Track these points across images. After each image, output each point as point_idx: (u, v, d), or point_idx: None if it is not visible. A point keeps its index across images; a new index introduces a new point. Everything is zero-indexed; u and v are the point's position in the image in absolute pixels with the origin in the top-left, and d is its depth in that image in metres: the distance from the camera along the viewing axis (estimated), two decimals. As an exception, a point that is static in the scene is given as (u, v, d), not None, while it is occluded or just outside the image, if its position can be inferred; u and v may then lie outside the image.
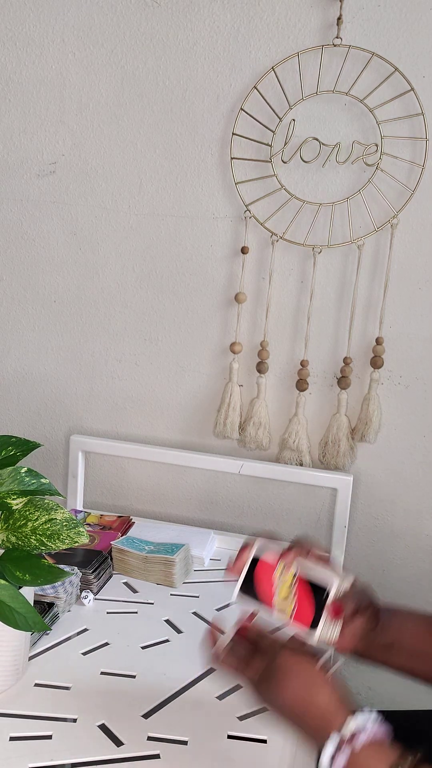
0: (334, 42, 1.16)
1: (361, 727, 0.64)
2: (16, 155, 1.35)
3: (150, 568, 1.18)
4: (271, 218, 1.25)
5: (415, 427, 1.28)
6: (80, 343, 1.41)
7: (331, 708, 0.67)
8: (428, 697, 1.37)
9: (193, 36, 1.23)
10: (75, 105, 1.31)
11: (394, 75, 1.16)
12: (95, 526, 1.32)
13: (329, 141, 1.20)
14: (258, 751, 0.82)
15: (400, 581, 1.34)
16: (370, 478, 1.32)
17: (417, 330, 1.25)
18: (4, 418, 1.49)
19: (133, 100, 1.28)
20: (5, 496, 0.85)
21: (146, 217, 1.32)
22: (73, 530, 0.84)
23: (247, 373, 1.33)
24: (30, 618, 0.80)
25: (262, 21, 1.20)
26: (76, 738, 0.81)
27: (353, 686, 1.41)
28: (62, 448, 1.47)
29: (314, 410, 1.32)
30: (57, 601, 1.03)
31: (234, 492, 1.39)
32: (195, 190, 1.29)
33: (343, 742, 0.64)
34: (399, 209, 1.20)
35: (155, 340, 1.37)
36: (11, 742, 0.80)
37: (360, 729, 0.64)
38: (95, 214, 1.35)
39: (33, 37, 1.29)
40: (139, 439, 1.42)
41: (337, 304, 1.27)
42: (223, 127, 1.25)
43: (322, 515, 1.36)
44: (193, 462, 1.34)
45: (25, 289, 1.41)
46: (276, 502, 1.37)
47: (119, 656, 0.98)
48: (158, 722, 0.85)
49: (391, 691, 1.39)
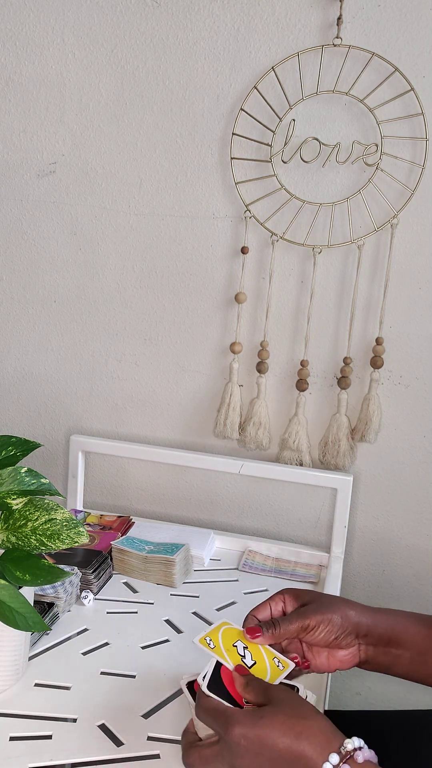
0: (334, 42, 1.16)
1: (358, 746, 0.63)
2: (16, 155, 1.35)
3: (150, 568, 1.18)
4: (271, 218, 1.25)
5: (415, 427, 1.28)
6: (80, 343, 1.41)
7: (326, 733, 0.64)
8: (429, 696, 1.38)
9: (193, 36, 1.23)
10: (75, 105, 1.31)
11: (394, 75, 1.16)
12: (95, 526, 1.32)
13: (329, 141, 1.20)
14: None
15: (400, 581, 1.34)
16: (370, 478, 1.32)
17: (417, 330, 1.25)
18: (4, 418, 1.49)
19: (133, 100, 1.28)
20: (5, 496, 0.85)
21: (146, 217, 1.32)
22: (73, 530, 0.84)
23: (247, 373, 1.33)
24: (30, 618, 0.80)
25: (262, 21, 1.20)
26: (76, 738, 0.81)
27: (353, 686, 1.41)
28: (62, 448, 1.47)
29: (314, 410, 1.32)
30: (57, 601, 1.03)
31: (234, 492, 1.39)
32: (195, 190, 1.29)
33: (346, 756, 0.62)
34: (399, 209, 1.20)
35: (155, 340, 1.37)
36: (11, 742, 0.80)
37: (358, 747, 0.63)
38: (95, 214, 1.35)
39: (33, 37, 1.29)
40: (139, 439, 1.42)
41: (337, 304, 1.27)
42: (223, 127, 1.25)
43: (322, 515, 1.36)
44: (193, 462, 1.34)
45: (25, 289, 1.41)
46: (276, 502, 1.37)
47: (119, 656, 0.98)
48: (158, 722, 0.85)
49: (391, 691, 1.40)
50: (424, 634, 0.77)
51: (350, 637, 0.76)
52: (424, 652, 0.76)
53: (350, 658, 0.78)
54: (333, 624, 0.75)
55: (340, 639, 0.76)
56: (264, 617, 0.78)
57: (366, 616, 0.78)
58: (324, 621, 0.75)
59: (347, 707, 1.42)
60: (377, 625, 0.77)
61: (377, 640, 0.77)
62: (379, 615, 0.78)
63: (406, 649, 0.77)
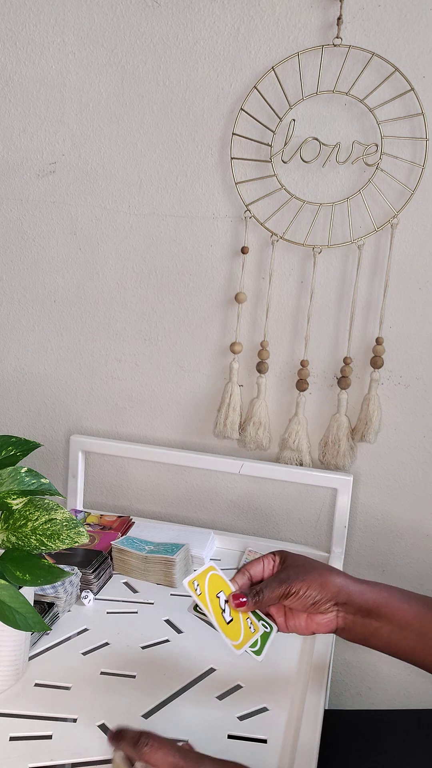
0: (334, 42, 1.16)
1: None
2: (16, 155, 1.35)
3: (150, 568, 1.18)
4: (271, 218, 1.25)
5: (415, 427, 1.28)
6: (80, 343, 1.41)
7: None
8: (429, 697, 1.38)
9: (193, 36, 1.23)
10: (75, 105, 1.31)
11: (394, 75, 1.16)
12: (95, 526, 1.32)
13: (329, 141, 1.20)
14: (258, 751, 0.82)
15: (400, 581, 1.34)
16: (370, 478, 1.32)
17: (417, 330, 1.25)
18: (4, 418, 1.49)
19: (133, 100, 1.28)
20: (5, 496, 0.85)
21: (146, 217, 1.32)
22: (73, 530, 0.84)
23: (247, 373, 1.33)
24: (30, 618, 0.80)
25: (262, 21, 1.20)
26: (76, 738, 0.81)
27: (353, 686, 1.41)
28: (62, 448, 1.47)
29: (314, 410, 1.32)
30: (57, 601, 1.03)
31: (234, 492, 1.39)
32: (195, 190, 1.29)
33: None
34: (399, 209, 1.20)
35: (155, 340, 1.37)
36: (11, 742, 0.80)
37: None
38: (95, 214, 1.35)
39: (33, 37, 1.29)
40: (139, 439, 1.42)
41: (337, 304, 1.27)
42: (223, 127, 1.25)
43: (322, 515, 1.36)
44: (193, 462, 1.34)
45: (25, 289, 1.41)
46: (276, 502, 1.37)
47: (119, 656, 0.98)
48: (158, 722, 0.85)
49: (391, 691, 1.40)
50: (406, 608, 0.77)
51: (329, 604, 0.78)
52: (405, 626, 0.76)
53: (327, 623, 0.79)
54: (312, 590, 0.77)
55: (319, 605, 0.78)
56: (255, 573, 0.82)
57: (349, 584, 0.79)
58: (303, 587, 0.77)
59: (347, 707, 1.42)
60: (360, 594, 0.78)
61: (357, 609, 0.78)
62: (362, 586, 0.79)
63: (386, 622, 0.77)
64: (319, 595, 0.77)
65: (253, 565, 0.82)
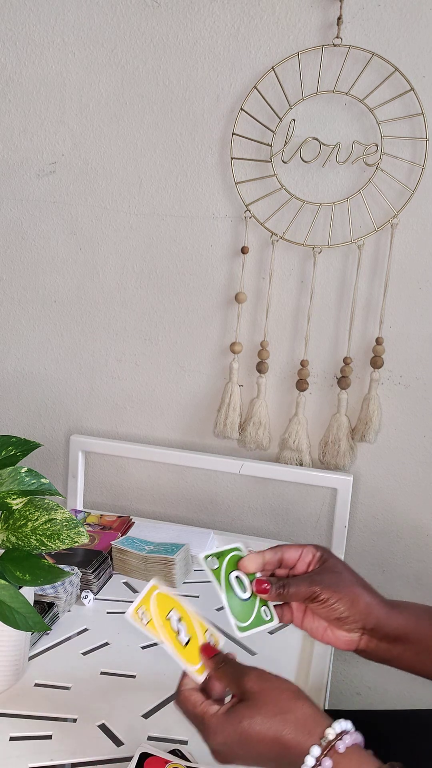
0: (334, 42, 1.16)
1: (340, 731, 0.61)
2: (16, 155, 1.35)
3: (150, 568, 1.18)
4: (271, 218, 1.25)
5: (415, 427, 1.28)
6: (80, 343, 1.41)
7: (307, 724, 0.62)
8: (429, 697, 1.38)
9: (193, 36, 1.23)
10: (75, 105, 1.31)
11: (394, 75, 1.16)
12: (95, 526, 1.32)
13: (329, 141, 1.20)
14: (258, 751, 0.81)
15: (400, 581, 1.34)
16: (370, 478, 1.32)
17: (417, 330, 1.25)
18: (4, 418, 1.49)
19: (133, 100, 1.28)
20: (5, 496, 0.85)
21: (146, 217, 1.32)
22: (73, 530, 0.84)
23: (247, 373, 1.33)
24: (30, 618, 0.80)
25: (262, 21, 1.20)
26: (76, 738, 0.81)
27: (353, 686, 1.41)
28: (62, 448, 1.47)
29: (314, 410, 1.32)
30: (57, 601, 1.03)
31: (234, 492, 1.39)
32: (195, 190, 1.29)
33: (327, 747, 0.60)
34: (399, 209, 1.20)
35: (155, 340, 1.37)
36: (11, 742, 0.80)
37: (345, 731, 0.61)
38: (95, 214, 1.35)
39: (33, 37, 1.29)
40: (139, 439, 1.42)
41: (337, 304, 1.27)
42: (223, 127, 1.25)
43: (322, 515, 1.36)
44: (193, 462, 1.34)
45: (25, 289, 1.41)
46: (276, 502, 1.37)
47: (119, 656, 0.98)
48: (158, 722, 0.85)
49: (392, 691, 1.40)
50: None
51: (355, 626, 0.72)
52: (430, 650, 0.72)
53: (348, 642, 0.74)
54: (341, 603, 0.71)
55: (344, 622, 0.72)
56: (289, 558, 0.75)
57: (379, 609, 0.73)
58: (334, 597, 0.71)
59: (347, 707, 1.42)
60: (389, 621, 0.73)
61: (383, 636, 0.73)
62: (393, 612, 0.74)
63: (412, 646, 0.73)
64: (347, 612, 0.71)
65: (289, 549, 0.75)
